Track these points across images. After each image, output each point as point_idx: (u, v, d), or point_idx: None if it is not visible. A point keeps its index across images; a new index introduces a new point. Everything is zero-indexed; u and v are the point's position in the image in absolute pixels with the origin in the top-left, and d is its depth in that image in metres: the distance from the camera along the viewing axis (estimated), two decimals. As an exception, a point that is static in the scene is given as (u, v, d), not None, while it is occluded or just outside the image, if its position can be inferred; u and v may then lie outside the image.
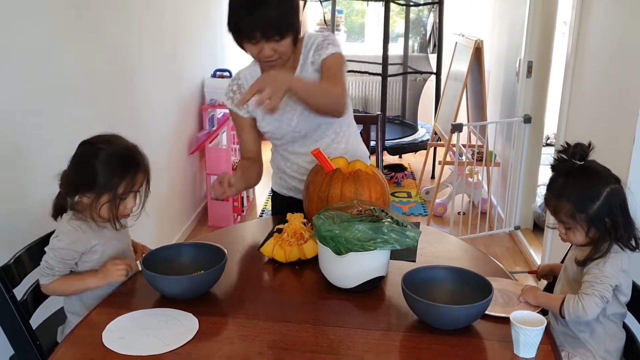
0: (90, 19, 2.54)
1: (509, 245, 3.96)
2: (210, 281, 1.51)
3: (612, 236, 1.46)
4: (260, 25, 1.66)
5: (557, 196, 1.50)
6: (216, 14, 4.87)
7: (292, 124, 1.91)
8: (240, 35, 1.72)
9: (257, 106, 1.65)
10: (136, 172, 1.57)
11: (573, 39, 2.92)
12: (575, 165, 1.49)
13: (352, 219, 1.57)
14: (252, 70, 1.94)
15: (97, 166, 1.52)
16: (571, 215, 1.48)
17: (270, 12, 1.65)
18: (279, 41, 1.71)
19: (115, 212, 1.56)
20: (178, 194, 3.84)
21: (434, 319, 1.35)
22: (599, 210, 1.46)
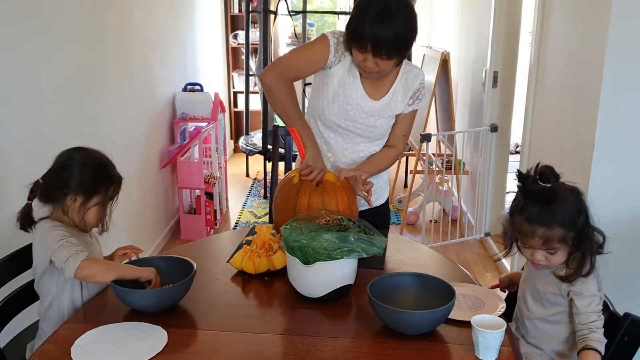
0: (60, 32, 2.54)
1: (480, 252, 4.03)
2: (179, 294, 1.52)
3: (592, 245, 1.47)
4: (374, 41, 1.74)
5: (547, 224, 1.46)
6: (187, 28, 4.89)
7: (357, 117, 1.97)
8: (354, 38, 1.79)
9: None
10: (119, 182, 1.68)
11: (535, 48, 3.01)
12: (546, 188, 1.48)
13: (319, 228, 1.60)
14: (354, 63, 1.91)
15: (87, 169, 1.61)
16: (563, 237, 1.46)
17: (389, 33, 1.73)
18: (385, 59, 1.79)
19: (102, 215, 1.63)
20: (150, 208, 3.83)
21: (399, 324, 1.39)
22: (583, 222, 1.47)
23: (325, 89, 1.96)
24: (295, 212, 1.80)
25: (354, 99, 1.94)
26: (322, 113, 2.00)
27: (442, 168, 4.30)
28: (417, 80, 1.98)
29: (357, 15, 1.78)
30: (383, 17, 1.73)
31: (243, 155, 5.90)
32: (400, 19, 1.74)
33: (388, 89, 1.96)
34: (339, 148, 2.03)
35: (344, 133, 2.01)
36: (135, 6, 3.53)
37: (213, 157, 4.46)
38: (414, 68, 2.02)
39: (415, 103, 2.01)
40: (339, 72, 1.93)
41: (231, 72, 6.64)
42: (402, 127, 2.05)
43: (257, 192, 5.37)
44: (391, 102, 1.97)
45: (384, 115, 1.98)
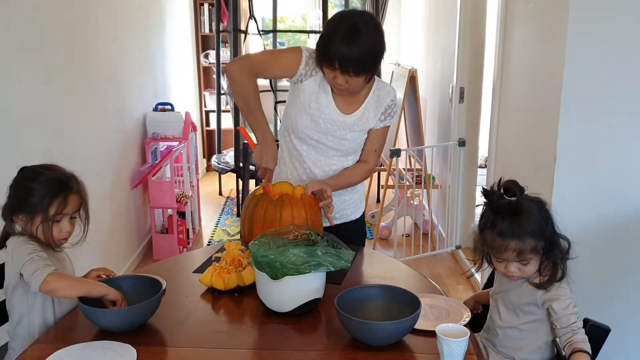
0: (27, 51, 2.54)
1: (451, 265, 4.08)
2: (147, 313, 1.52)
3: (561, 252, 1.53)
4: (342, 59, 1.80)
5: (519, 237, 1.51)
6: (158, 48, 4.90)
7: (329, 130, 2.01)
8: (323, 57, 1.85)
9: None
10: (68, 194, 1.62)
11: (498, 65, 3.09)
12: (513, 202, 1.53)
13: (287, 243, 1.61)
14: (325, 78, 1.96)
15: (32, 187, 1.59)
16: (534, 247, 1.52)
17: (356, 52, 1.78)
18: (353, 77, 1.84)
19: (49, 233, 1.59)
20: (122, 228, 3.81)
21: (366, 336, 1.41)
22: (551, 230, 1.53)
23: (298, 102, 2.01)
24: (253, 223, 1.84)
25: (325, 113, 1.98)
26: (295, 125, 2.03)
27: (413, 182, 4.36)
28: (388, 97, 2.03)
29: (325, 34, 1.84)
30: (350, 36, 1.78)
31: (216, 173, 5.90)
32: (367, 38, 1.80)
33: (360, 104, 2.01)
34: (311, 160, 2.06)
35: (317, 146, 2.04)
36: (104, 26, 3.53)
37: (185, 176, 4.46)
38: (386, 85, 2.07)
39: (387, 119, 2.05)
40: (310, 86, 1.98)
41: (203, 91, 6.65)
42: (373, 142, 2.08)
43: (230, 210, 5.36)
44: (362, 117, 2.01)
45: (355, 129, 2.01)
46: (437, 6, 4.82)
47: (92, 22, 3.33)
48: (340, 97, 1.99)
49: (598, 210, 2.40)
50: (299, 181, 2.08)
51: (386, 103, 2.03)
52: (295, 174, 2.10)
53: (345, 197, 2.14)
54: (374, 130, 2.06)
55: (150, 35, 4.72)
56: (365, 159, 2.10)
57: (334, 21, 1.86)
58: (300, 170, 2.08)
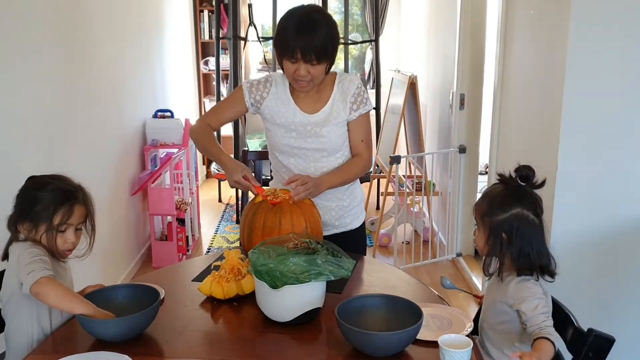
0: (27, 58, 2.53)
1: (452, 272, 4.06)
2: (143, 323, 1.49)
3: (502, 255, 1.56)
4: (303, 48, 1.84)
5: (483, 196, 1.64)
6: (158, 54, 4.89)
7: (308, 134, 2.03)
8: (283, 51, 1.89)
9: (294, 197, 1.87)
10: (74, 204, 1.61)
11: (499, 71, 3.08)
12: (515, 183, 1.59)
13: (287, 252, 1.60)
14: (282, 88, 2.05)
15: (37, 196, 1.58)
16: (482, 216, 1.61)
17: (316, 39, 1.85)
18: (315, 65, 1.88)
19: (53, 243, 1.58)
20: (121, 235, 3.79)
21: (367, 346, 1.39)
22: (501, 222, 1.56)
23: (268, 123, 2.08)
24: (252, 231, 1.83)
25: (294, 121, 2.02)
26: (274, 143, 2.09)
27: (413, 189, 4.35)
28: (352, 85, 2.04)
29: (281, 28, 1.90)
30: (305, 24, 1.86)
31: (215, 180, 5.89)
32: (322, 24, 1.87)
33: (325, 102, 2.03)
34: (302, 170, 2.06)
35: (301, 153, 2.05)
36: (104, 32, 3.53)
37: (184, 183, 4.45)
38: (348, 75, 2.09)
39: (361, 107, 2.05)
40: (269, 104, 2.04)
41: (202, 98, 6.65)
42: (356, 133, 2.08)
43: (229, 217, 5.35)
44: (332, 111, 2.02)
45: (329, 125, 2.02)
46: (438, 13, 4.82)
47: (91, 29, 3.33)
48: (304, 100, 2.02)
49: (599, 219, 2.39)
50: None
51: (351, 92, 2.03)
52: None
53: (344, 202, 2.12)
54: (352, 121, 2.06)
55: (150, 42, 4.72)
56: (356, 152, 2.10)
57: (287, 16, 1.91)
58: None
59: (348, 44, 5.76)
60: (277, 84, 2.06)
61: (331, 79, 2.04)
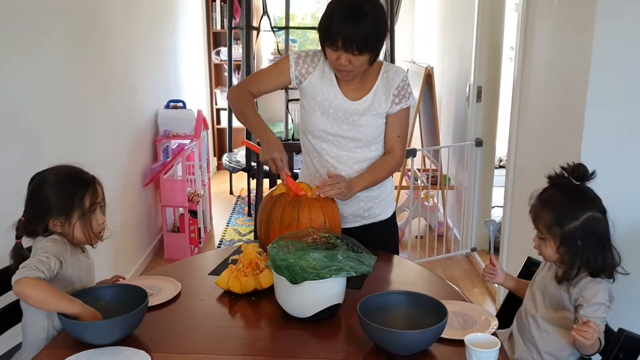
0: (40, 50, 2.50)
1: (466, 267, 4.01)
2: (127, 326, 1.42)
3: (582, 261, 1.50)
4: (345, 36, 1.77)
5: (542, 205, 1.56)
6: (170, 44, 4.86)
7: (344, 121, 1.96)
8: (326, 37, 1.82)
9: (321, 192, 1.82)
10: (92, 183, 1.62)
11: (519, 63, 3.01)
12: (571, 184, 1.55)
13: (307, 247, 1.56)
14: (328, 66, 1.97)
15: (60, 187, 1.56)
16: (548, 226, 1.53)
17: (360, 29, 1.77)
18: (356, 55, 1.81)
19: (90, 228, 1.58)
20: (133, 227, 3.77)
21: (391, 344, 1.35)
22: (574, 230, 1.50)
23: (305, 102, 2.01)
24: (270, 225, 1.79)
25: (334, 103, 1.95)
26: (309, 125, 2.01)
27: (428, 183, 4.29)
28: (397, 78, 1.97)
29: (327, 13, 1.83)
30: (351, 12, 1.78)
31: (226, 172, 5.86)
32: (369, 14, 1.79)
33: (368, 90, 1.96)
34: (334, 157, 2.00)
35: (335, 140, 1.99)
36: (117, 22, 3.50)
37: (196, 175, 4.42)
38: (394, 67, 2.02)
39: (403, 102, 1.98)
40: (312, 82, 1.97)
41: (214, 89, 6.61)
42: (393, 128, 2.00)
43: (241, 209, 5.32)
44: (374, 102, 1.96)
45: (368, 114, 1.95)
46: (454, 2, 4.75)
47: (104, 20, 3.29)
48: (348, 85, 1.96)
49: (625, 216, 2.32)
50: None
51: (396, 84, 1.96)
52: (318, 175, 2.04)
53: (374, 192, 2.06)
54: (391, 114, 1.99)
55: (162, 32, 4.68)
56: (390, 148, 2.02)
57: (335, 3, 1.84)
58: (324, 170, 2.02)
59: (362, 35, 5.69)
60: (324, 63, 1.98)
61: (376, 68, 1.97)
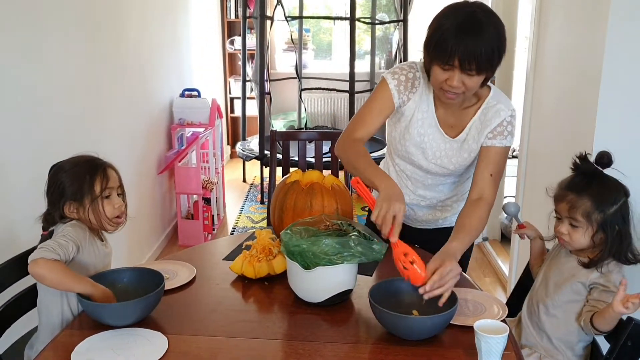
0: (55, 39, 2.53)
1: (478, 257, 4.02)
2: (143, 309, 1.46)
3: (616, 245, 1.52)
4: (464, 54, 1.52)
5: (578, 192, 1.54)
6: (184, 33, 4.88)
7: (435, 155, 1.80)
8: (438, 55, 1.58)
9: (428, 291, 1.43)
10: (104, 168, 1.63)
11: (532, 53, 3.01)
12: (598, 171, 1.56)
13: (319, 233, 1.59)
14: (426, 92, 1.76)
15: (69, 174, 1.58)
16: (588, 213, 1.52)
17: (481, 44, 1.52)
18: (472, 76, 1.57)
19: (102, 212, 1.60)
20: (147, 214, 3.82)
21: (401, 330, 1.38)
22: (614, 215, 1.52)
23: (398, 125, 1.83)
24: (283, 212, 1.82)
25: (428, 135, 1.77)
26: (398, 146, 1.85)
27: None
28: (497, 118, 1.72)
29: (438, 28, 1.58)
30: (471, 26, 1.53)
31: (240, 160, 5.90)
32: (489, 27, 1.54)
33: (464, 126, 1.76)
34: (419, 180, 1.87)
35: (422, 167, 1.84)
36: (132, 11, 3.52)
37: (210, 163, 4.46)
38: (498, 103, 1.74)
39: (497, 138, 1.72)
40: (410, 106, 1.77)
41: (228, 78, 6.64)
42: (486, 164, 1.72)
43: (254, 197, 5.36)
44: (467, 138, 1.77)
45: (460, 156, 1.78)
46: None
47: (119, 8, 3.32)
48: (445, 117, 1.76)
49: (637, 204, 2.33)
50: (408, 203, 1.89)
51: (492, 126, 1.72)
52: (406, 194, 1.86)
53: (451, 202, 1.91)
54: (485, 148, 1.74)
55: (177, 21, 4.71)
56: (480, 188, 1.71)
57: (447, 14, 1.60)
58: (408, 190, 1.90)
59: (375, 24, 5.69)
60: (422, 85, 1.76)
61: (478, 99, 1.74)
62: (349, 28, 4.92)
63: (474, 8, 1.57)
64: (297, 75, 5.35)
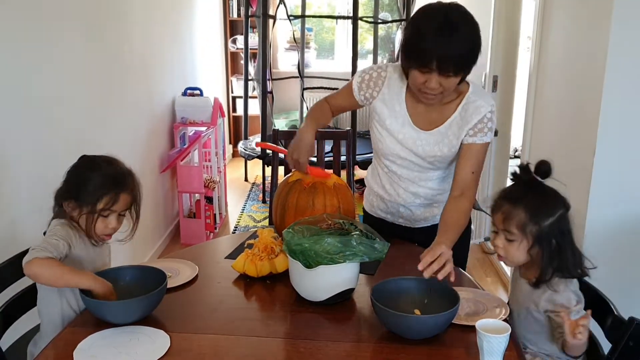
0: (58, 37, 2.54)
1: (480, 256, 4.02)
2: (146, 306, 1.46)
3: (556, 260, 1.45)
4: (441, 57, 1.55)
5: (514, 202, 1.46)
6: (187, 32, 4.89)
7: (413, 148, 1.82)
8: (415, 60, 1.60)
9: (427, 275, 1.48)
10: (120, 191, 1.59)
11: (535, 53, 3.01)
12: (537, 181, 1.49)
13: (321, 232, 1.59)
14: (394, 91, 1.81)
15: (86, 177, 1.57)
16: (522, 225, 1.45)
17: (457, 46, 1.55)
18: (451, 77, 1.60)
19: (92, 225, 1.57)
20: (150, 212, 3.82)
21: (402, 329, 1.38)
22: (551, 228, 1.44)
23: (376, 123, 1.87)
24: (285, 210, 1.82)
25: (401, 129, 1.81)
26: (381, 147, 1.89)
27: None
28: (477, 114, 1.73)
29: (415, 32, 1.60)
30: (447, 29, 1.55)
31: (242, 159, 5.90)
32: (465, 29, 1.58)
33: (444, 121, 1.78)
34: (407, 178, 1.89)
35: (406, 164, 1.86)
36: (134, 11, 3.53)
37: (212, 162, 4.46)
38: (479, 100, 1.75)
39: (478, 135, 1.74)
40: (377, 105, 1.83)
41: (230, 77, 6.64)
42: (467, 161, 1.75)
43: (255, 196, 5.36)
44: (448, 133, 1.78)
45: (439, 144, 1.78)
46: (471, -7, 4.72)
47: (122, 7, 3.32)
48: (419, 113, 1.79)
49: (637, 206, 2.33)
50: (395, 203, 1.95)
51: (473, 122, 1.74)
52: (393, 193, 1.94)
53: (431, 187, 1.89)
54: (466, 144, 1.76)
55: (180, 20, 4.71)
56: (462, 186, 1.74)
57: (421, 17, 1.62)
58: (400, 190, 1.92)
59: (378, 23, 5.69)
60: (390, 84, 1.81)
61: (458, 95, 1.75)
62: (351, 27, 4.92)
63: (448, 10, 1.59)
64: (299, 74, 5.35)
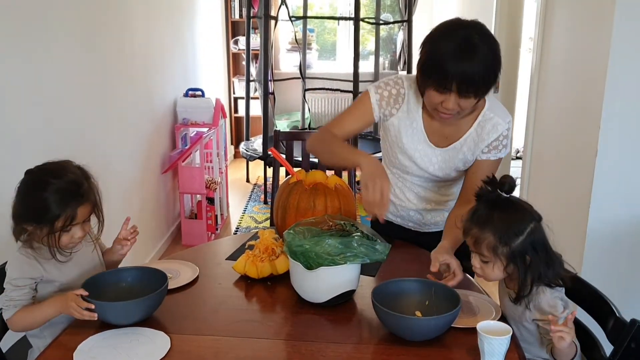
0: (60, 37, 2.54)
1: (481, 258, 4.01)
2: (146, 308, 1.46)
3: (533, 274, 1.42)
4: (462, 79, 1.52)
5: (481, 227, 1.43)
6: (188, 33, 4.89)
7: (428, 168, 1.81)
8: (434, 79, 1.57)
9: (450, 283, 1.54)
10: (77, 205, 1.49)
11: (537, 54, 3.01)
12: (502, 197, 1.45)
13: (322, 233, 1.59)
14: (413, 108, 1.77)
15: (39, 198, 1.47)
16: (493, 248, 1.42)
17: (479, 68, 1.52)
18: (470, 98, 1.57)
19: (55, 244, 1.50)
20: (151, 213, 3.82)
21: (403, 331, 1.38)
22: (522, 245, 1.41)
23: (388, 138, 1.85)
24: (286, 211, 1.82)
25: (416, 147, 1.79)
26: (392, 158, 1.88)
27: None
28: (494, 133, 1.72)
29: (433, 52, 1.57)
30: (468, 50, 1.52)
31: (243, 160, 5.90)
32: (486, 50, 1.53)
33: (458, 138, 1.76)
34: (419, 185, 1.89)
35: (416, 179, 1.88)
36: (136, 12, 3.53)
37: (214, 163, 4.46)
38: (495, 117, 1.73)
39: (492, 152, 1.74)
40: (394, 122, 1.80)
41: (232, 78, 6.64)
42: (477, 176, 1.68)
43: (257, 197, 5.36)
44: (462, 148, 1.76)
45: (454, 159, 1.78)
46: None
47: (123, 8, 3.33)
48: (435, 130, 1.77)
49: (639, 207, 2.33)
50: (406, 208, 1.94)
51: (489, 140, 1.73)
52: (404, 198, 1.93)
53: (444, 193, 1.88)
54: (479, 160, 1.76)
55: (182, 21, 4.71)
56: (469, 196, 1.66)
57: (441, 36, 1.58)
58: (411, 195, 1.92)
59: (379, 24, 5.69)
60: (409, 102, 1.76)
61: (474, 109, 1.69)
62: (353, 28, 4.92)
63: (469, 30, 1.55)
64: (301, 75, 5.35)
